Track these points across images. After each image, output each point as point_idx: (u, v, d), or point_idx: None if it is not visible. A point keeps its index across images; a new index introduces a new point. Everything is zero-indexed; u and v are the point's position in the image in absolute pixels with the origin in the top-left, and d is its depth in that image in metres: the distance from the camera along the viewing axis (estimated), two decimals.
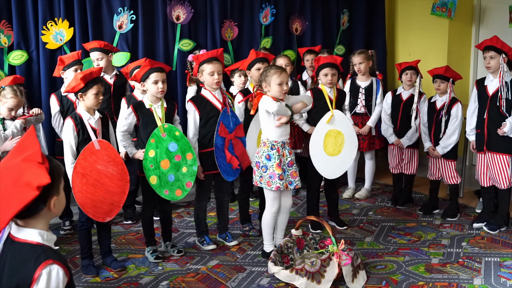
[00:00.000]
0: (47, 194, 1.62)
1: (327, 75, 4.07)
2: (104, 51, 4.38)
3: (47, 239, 1.65)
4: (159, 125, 3.57)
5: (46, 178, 1.57)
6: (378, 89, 4.91)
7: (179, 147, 3.61)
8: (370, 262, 3.62)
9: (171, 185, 3.60)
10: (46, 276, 1.57)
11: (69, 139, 3.33)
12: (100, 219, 3.39)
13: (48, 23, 4.61)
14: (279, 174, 3.46)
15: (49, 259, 1.59)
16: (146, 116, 3.59)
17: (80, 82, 3.30)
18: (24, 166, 1.59)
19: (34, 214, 1.63)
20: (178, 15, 5.20)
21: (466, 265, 3.54)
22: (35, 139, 1.65)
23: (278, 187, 3.47)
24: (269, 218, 3.62)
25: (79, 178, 3.27)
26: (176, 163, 3.61)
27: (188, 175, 3.65)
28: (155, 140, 3.56)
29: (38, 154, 1.61)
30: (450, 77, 4.35)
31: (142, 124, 3.61)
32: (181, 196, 3.66)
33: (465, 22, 6.11)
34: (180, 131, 3.64)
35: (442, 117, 4.36)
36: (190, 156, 3.65)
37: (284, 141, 3.53)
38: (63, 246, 3.99)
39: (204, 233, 3.99)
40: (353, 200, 5.06)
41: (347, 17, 6.40)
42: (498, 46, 3.97)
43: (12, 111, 3.66)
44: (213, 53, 3.81)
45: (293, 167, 3.56)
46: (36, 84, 4.66)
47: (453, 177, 4.47)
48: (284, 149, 3.53)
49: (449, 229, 4.23)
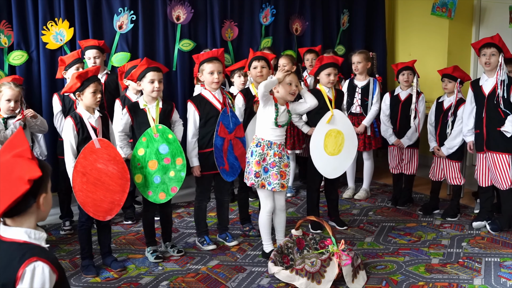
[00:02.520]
0: (37, 189, 1.63)
1: (329, 75, 4.07)
2: (101, 50, 4.40)
3: (35, 238, 1.65)
4: (152, 126, 3.57)
5: (38, 171, 1.60)
6: (374, 89, 4.92)
7: (170, 150, 3.60)
8: (370, 262, 3.62)
9: (155, 186, 3.59)
10: (30, 274, 1.56)
11: (69, 138, 3.35)
12: (101, 217, 3.40)
13: (48, 23, 4.61)
14: (256, 171, 3.50)
15: (34, 257, 1.58)
16: (140, 116, 3.60)
17: (77, 81, 3.32)
18: (15, 161, 1.61)
19: (23, 211, 1.63)
20: (178, 15, 5.20)
21: (466, 265, 3.54)
22: (24, 138, 1.67)
23: (252, 184, 3.52)
24: (264, 217, 3.64)
25: (80, 177, 3.28)
26: (164, 166, 3.60)
27: (175, 180, 3.63)
28: (147, 139, 3.56)
29: (28, 151, 1.63)
30: (457, 77, 4.36)
31: (136, 125, 3.62)
32: (163, 200, 3.63)
33: (465, 22, 6.12)
34: (174, 135, 3.62)
35: (448, 117, 4.37)
36: (180, 162, 3.63)
37: (272, 141, 3.52)
38: (63, 246, 4.00)
39: (204, 233, 3.99)
40: (353, 200, 5.06)
41: (347, 17, 6.40)
42: (500, 44, 3.99)
43: (11, 102, 3.64)
44: (213, 53, 3.83)
45: (274, 169, 3.52)
46: (36, 84, 4.66)
47: (457, 178, 4.47)
48: (270, 149, 3.52)
49: (449, 229, 4.23)
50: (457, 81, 4.36)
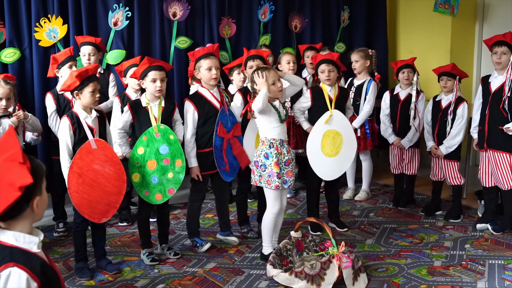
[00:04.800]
0: (30, 194, 1.62)
1: (323, 72, 4.08)
2: (97, 48, 4.39)
3: (24, 241, 1.63)
4: (154, 125, 3.57)
5: (29, 178, 1.58)
6: (368, 88, 4.87)
7: (170, 151, 3.61)
8: (371, 265, 3.62)
9: (152, 187, 3.59)
10: (4, 279, 1.54)
11: (65, 138, 3.35)
12: (96, 219, 3.40)
13: (42, 20, 4.59)
14: (277, 172, 3.47)
15: (11, 262, 1.56)
16: (142, 115, 3.60)
17: (76, 80, 3.31)
18: (6, 166, 1.59)
19: (17, 215, 1.62)
20: (174, 12, 5.20)
21: (469, 268, 3.55)
22: (15, 139, 1.65)
23: (277, 186, 3.48)
24: (270, 219, 3.61)
25: (75, 178, 3.28)
26: (163, 166, 3.61)
27: (173, 182, 3.64)
28: (147, 138, 3.56)
29: (19, 154, 1.61)
30: (456, 75, 4.37)
31: (137, 123, 3.62)
32: (160, 201, 3.65)
33: (468, 19, 6.12)
34: (175, 136, 3.63)
35: (448, 116, 4.38)
36: (180, 163, 3.64)
37: (282, 139, 3.54)
38: (56, 248, 4.00)
39: (194, 234, 3.99)
40: (353, 201, 5.07)
41: (348, 14, 6.40)
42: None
43: (2, 100, 3.63)
44: (209, 49, 3.83)
45: (289, 166, 3.56)
46: (29, 82, 4.64)
47: (456, 178, 4.48)
48: (283, 147, 3.54)
49: (452, 231, 4.24)
50: (456, 79, 4.37)
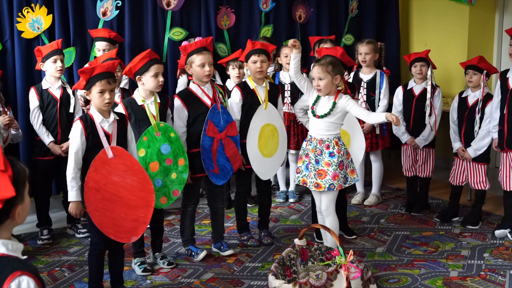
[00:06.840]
0: (11, 205, 1.61)
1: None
2: (112, 42, 4.42)
3: (13, 249, 1.64)
4: (153, 123, 3.54)
5: (11, 191, 1.58)
6: (381, 82, 4.87)
7: (172, 150, 3.58)
8: (382, 275, 3.60)
9: (156, 190, 3.53)
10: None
11: (76, 145, 3.08)
12: (125, 239, 3.19)
13: (24, 10, 4.56)
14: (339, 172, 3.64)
15: (17, 271, 1.57)
16: (139, 113, 3.56)
17: (82, 79, 3.13)
18: None
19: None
20: (168, 1, 5.17)
21: (488, 279, 3.52)
22: None
23: (341, 186, 3.66)
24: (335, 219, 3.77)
25: (93, 194, 3.06)
26: (166, 167, 3.57)
27: (177, 183, 3.62)
28: (148, 138, 3.53)
29: (0, 160, 1.60)
30: (483, 69, 4.31)
31: (134, 123, 3.55)
32: (165, 205, 3.62)
33: (487, 8, 6.08)
34: (176, 133, 3.61)
35: (476, 114, 4.32)
36: (182, 162, 3.62)
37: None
38: (41, 257, 3.97)
39: (188, 242, 3.96)
40: (362, 206, 5.04)
41: (356, 3, 6.36)
42: None
43: None
44: (202, 43, 3.78)
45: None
46: (11, 77, 4.62)
47: (481, 182, 4.42)
48: None
49: (469, 239, 4.20)
50: (483, 73, 4.31)
